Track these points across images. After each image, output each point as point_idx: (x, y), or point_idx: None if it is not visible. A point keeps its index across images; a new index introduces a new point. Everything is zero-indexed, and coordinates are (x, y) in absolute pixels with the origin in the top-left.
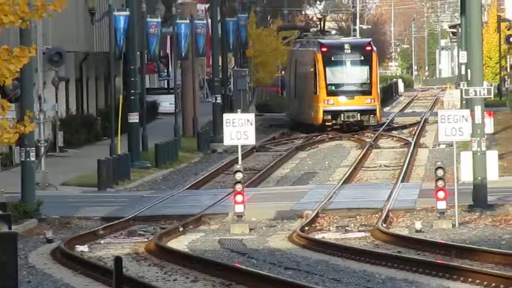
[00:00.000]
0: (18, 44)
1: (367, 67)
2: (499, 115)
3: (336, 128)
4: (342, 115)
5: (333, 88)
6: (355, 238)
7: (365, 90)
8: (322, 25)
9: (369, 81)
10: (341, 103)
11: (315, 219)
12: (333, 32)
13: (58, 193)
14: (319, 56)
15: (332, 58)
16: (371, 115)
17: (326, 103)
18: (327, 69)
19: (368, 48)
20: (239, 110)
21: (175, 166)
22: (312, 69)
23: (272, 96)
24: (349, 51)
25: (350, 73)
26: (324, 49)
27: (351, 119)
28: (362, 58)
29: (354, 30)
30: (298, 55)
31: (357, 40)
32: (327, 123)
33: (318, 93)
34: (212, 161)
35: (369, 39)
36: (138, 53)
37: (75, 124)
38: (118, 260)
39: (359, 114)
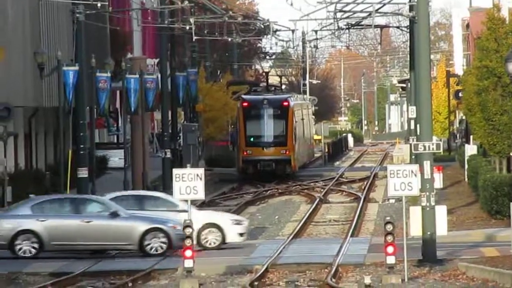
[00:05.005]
0: None
1: (283, 121)
2: (448, 170)
3: (256, 177)
4: (259, 164)
5: (251, 139)
6: None
7: (281, 141)
8: (267, 79)
9: (284, 134)
10: (258, 153)
11: (264, 274)
12: (284, 87)
13: None
14: (241, 110)
15: (252, 112)
16: (287, 165)
17: (245, 154)
18: (247, 122)
19: (285, 103)
20: (188, 165)
21: None
22: (237, 122)
23: (222, 151)
24: (267, 106)
25: (267, 126)
26: (245, 104)
27: (267, 168)
28: (279, 112)
29: (304, 85)
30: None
31: (276, 96)
32: (247, 172)
33: (239, 144)
34: None
35: (287, 95)
36: (88, 107)
37: (24, 179)
38: None
39: (274, 164)
